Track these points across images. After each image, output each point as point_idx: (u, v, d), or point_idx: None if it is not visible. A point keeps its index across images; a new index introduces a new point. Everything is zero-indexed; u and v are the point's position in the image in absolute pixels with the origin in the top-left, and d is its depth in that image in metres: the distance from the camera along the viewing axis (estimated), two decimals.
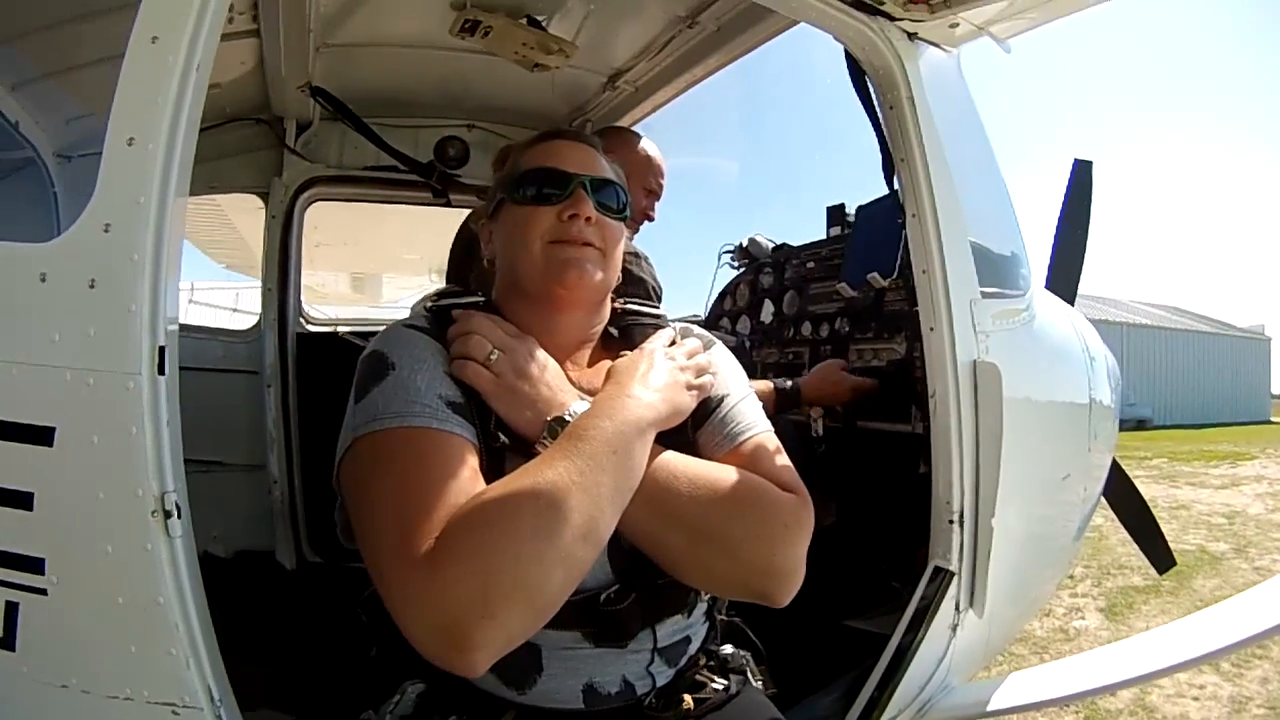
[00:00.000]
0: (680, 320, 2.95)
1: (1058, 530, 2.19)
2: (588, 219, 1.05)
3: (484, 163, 2.29)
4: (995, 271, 1.81)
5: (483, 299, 1.12)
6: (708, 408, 1.07)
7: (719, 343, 1.21)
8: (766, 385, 2.06)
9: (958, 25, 1.64)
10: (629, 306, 1.21)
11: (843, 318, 2.37)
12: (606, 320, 1.17)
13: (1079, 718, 3.35)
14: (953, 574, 1.64)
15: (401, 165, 2.43)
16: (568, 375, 1.04)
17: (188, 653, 0.93)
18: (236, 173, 2.52)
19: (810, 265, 2.64)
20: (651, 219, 2.06)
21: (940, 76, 1.72)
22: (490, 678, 0.97)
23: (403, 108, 2.52)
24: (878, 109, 1.66)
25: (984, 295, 1.68)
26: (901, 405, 1.99)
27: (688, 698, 1.05)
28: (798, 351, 2.55)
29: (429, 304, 1.11)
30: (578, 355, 1.11)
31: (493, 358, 0.97)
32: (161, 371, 0.89)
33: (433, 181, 2.43)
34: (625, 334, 1.15)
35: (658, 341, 1.10)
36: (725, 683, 1.10)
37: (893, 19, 1.56)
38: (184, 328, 2.86)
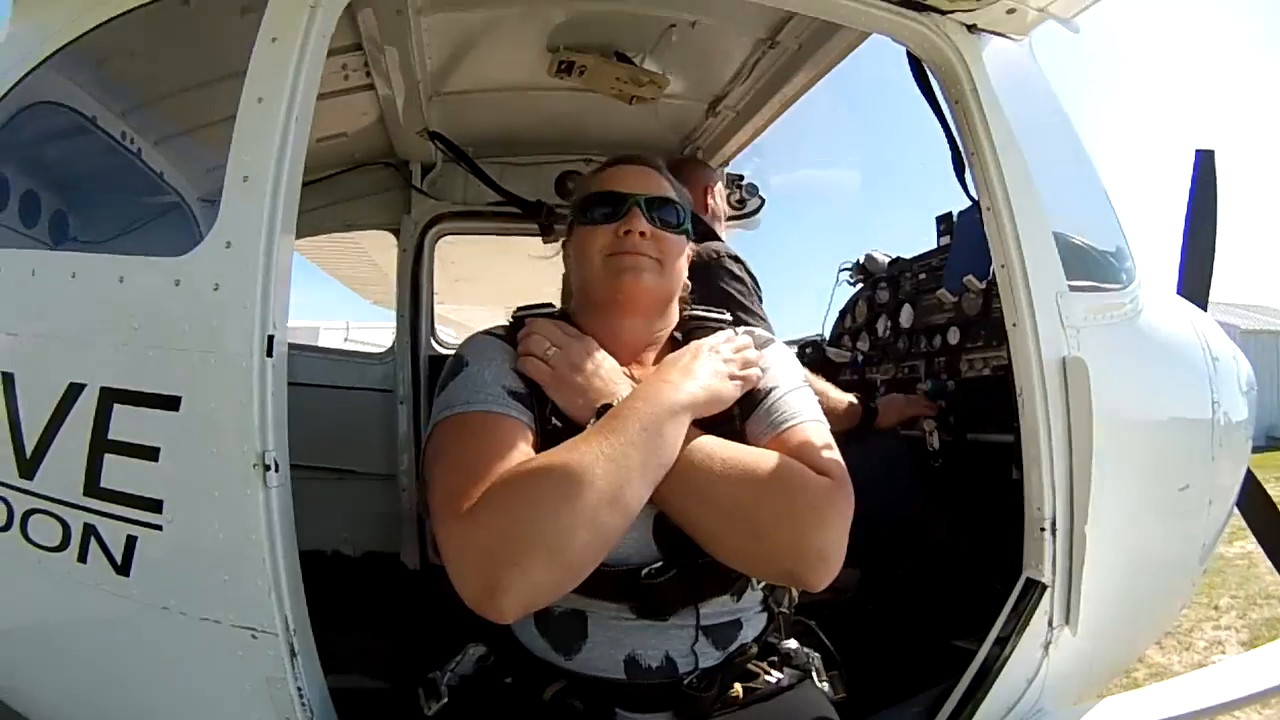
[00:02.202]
0: (803, 341, 2.97)
1: (1177, 546, 1.96)
2: (642, 234, 1.14)
3: None
4: (1087, 264, 1.69)
5: (556, 309, 1.25)
6: (755, 398, 1.11)
7: (778, 342, 1.26)
8: (852, 402, 2.05)
9: (1014, 10, 1.55)
10: (695, 313, 1.29)
11: (954, 327, 2.29)
12: (673, 326, 1.25)
13: None
14: (1045, 586, 1.51)
15: (510, 203, 2.60)
16: (632, 374, 1.12)
17: (270, 584, 1.08)
18: (370, 212, 2.82)
19: (922, 276, 2.58)
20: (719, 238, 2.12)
21: (1009, 66, 1.64)
22: (541, 643, 1.06)
23: (522, 146, 2.71)
24: (944, 106, 1.62)
25: (1073, 289, 1.55)
26: (1010, 413, 1.92)
27: (738, 686, 1.06)
28: (913, 365, 2.49)
29: (512, 314, 1.24)
30: (644, 356, 1.20)
31: (550, 353, 1.08)
32: (269, 354, 1.06)
33: (540, 218, 2.59)
34: (689, 337, 1.21)
35: (711, 339, 1.15)
36: (780, 676, 1.10)
37: (944, 13, 1.51)
38: (324, 350, 3.18)
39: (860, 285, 2.96)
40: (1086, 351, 1.52)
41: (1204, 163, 2.86)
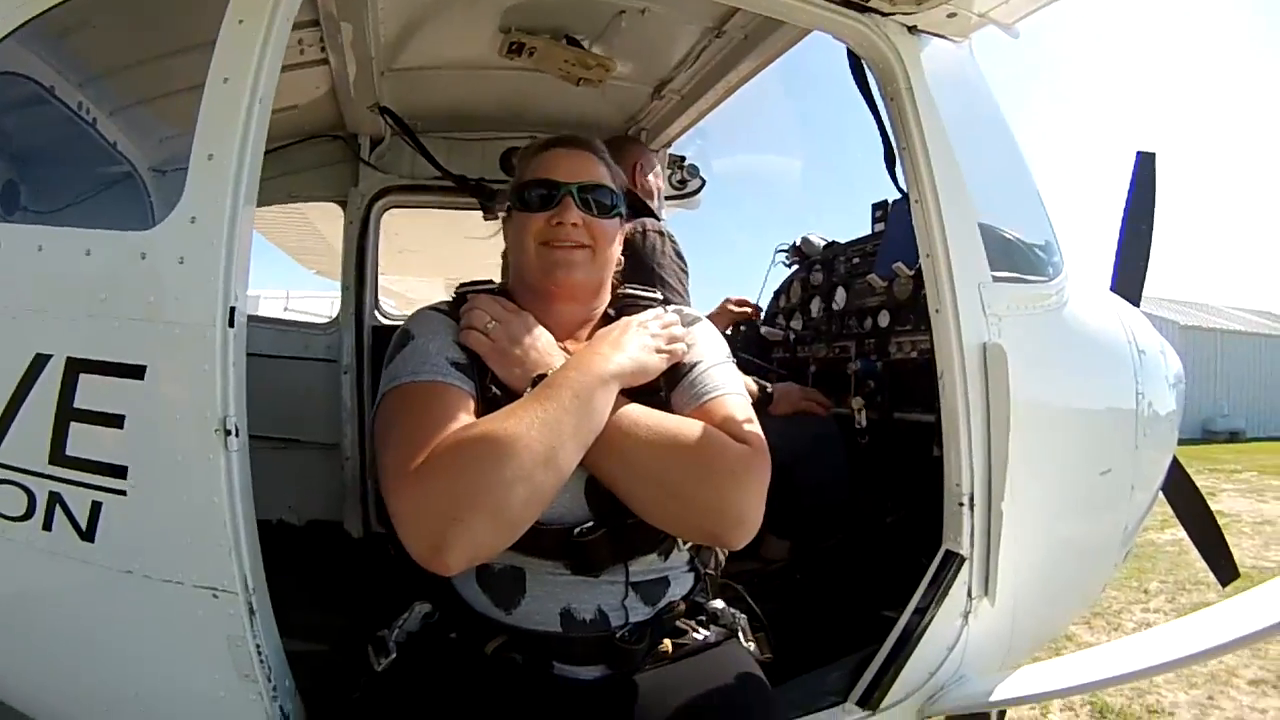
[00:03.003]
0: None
1: (1098, 527, 2.15)
2: (574, 224, 1.25)
3: None
4: (1014, 257, 1.85)
5: (496, 285, 1.35)
6: (680, 371, 1.23)
7: (705, 321, 1.37)
8: (752, 386, 2.18)
9: (955, 15, 1.70)
10: (627, 291, 1.39)
11: (884, 311, 2.46)
12: (606, 303, 1.36)
13: None
14: (964, 559, 1.67)
15: (453, 182, 2.70)
16: (566, 348, 1.23)
17: (230, 545, 1.18)
18: (317, 184, 2.88)
19: (856, 261, 2.75)
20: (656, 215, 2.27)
21: (947, 66, 1.79)
22: (483, 599, 1.17)
23: (469, 122, 2.80)
24: (879, 102, 1.77)
25: (997, 279, 1.71)
26: (934, 394, 2.07)
27: (668, 642, 1.18)
28: (844, 346, 2.65)
29: (455, 290, 1.34)
30: (579, 333, 1.31)
31: (490, 327, 1.19)
32: (231, 325, 1.15)
33: (481, 197, 2.70)
34: (621, 314, 1.32)
35: (640, 316, 1.27)
36: (707, 633, 1.22)
37: (885, 14, 1.64)
38: (269, 321, 3.24)
39: (796, 267, 3.14)
40: (1007, 339, 1.67)
41: (1144, 164, 3.07)
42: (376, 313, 2.97)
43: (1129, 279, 2.85)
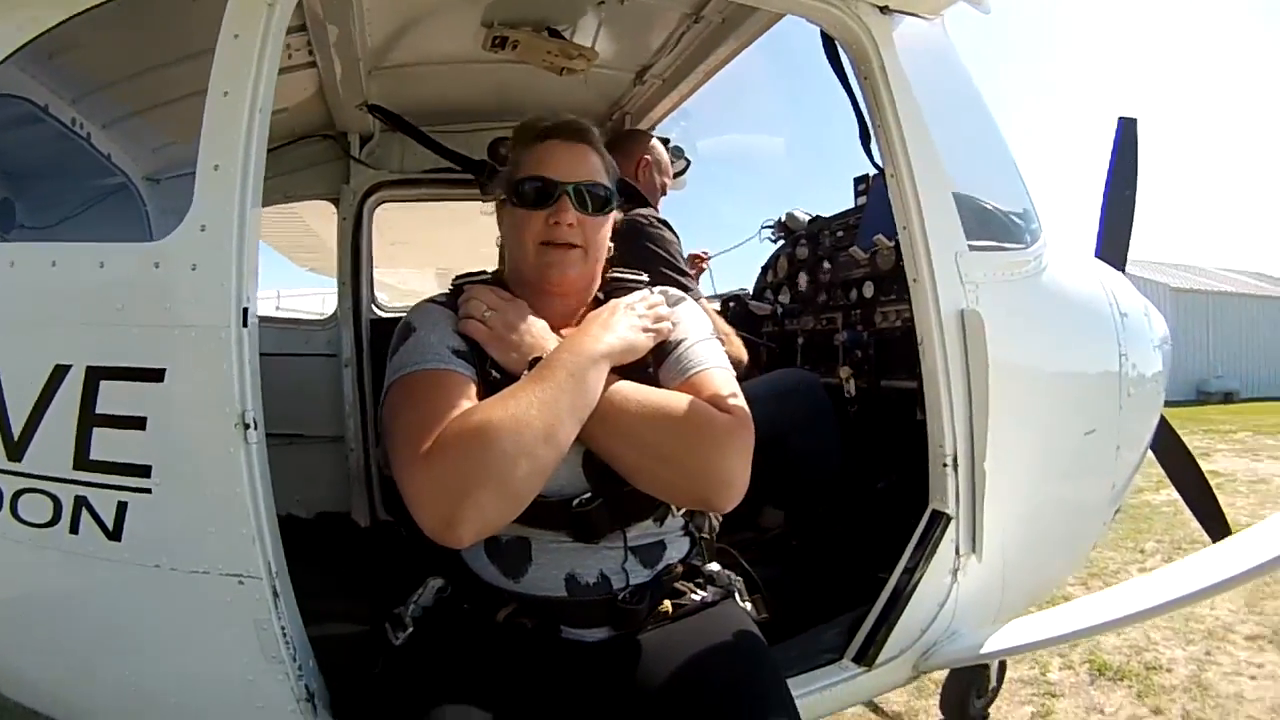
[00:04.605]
0: (727, 295, 3.24)
1: (1085, 486, 2.26)
2: (570, 225, 1.33)
3: None
4: (990, 226, 1.95)
5: (491, 275, 1.44)
6: (666, 349, 1.33)
7: (689, 300, 1.47)
8: (743, 354, 2.31)
9: None
10: (615, 274, 1.48)
11: (869, 282, 2.57)
12: (598, 287, 1.45)
13: (1132, 691, 3.43)
14: (950, 518, 1.78)
15: (455, 164, 2.78)
16: (559, 331, 1.32)
17: (254, 532, 1.28)
18: (310, 183, 2.99)
19: (840, 234, 2.88)
20: (654, 206, 2.37)
21: (920, 43, 1.87)
22: (492, 569, 1.27)
23: (454, 116, 2.88)
24: (853, 82, 1.86)
25: (973, 249, 1.81)
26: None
27: (667, 603, 1.29)
28: (831, 317, 2.78)
29: (452, 282, 1.43)
30: (572, 318, 1.39)
31: (487, 315, 1.28)
32: (245, 325, 1.25)
33: (484, 176, 2.79)
34: (610, 296, 1.41)
35: (628, 298, 1.36)
36: (704, 594, 1.32)
37: (860, 5, 1.74)
38: (268, 320, 3.35)
39: (781, 242, 3.27)
40: (985, 305, 1.77)
41: (1125, 130, 3.15)
42: (373, 306, 3.09)
43: (1113, 244, 2.95)
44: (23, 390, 1.28)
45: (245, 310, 1.25)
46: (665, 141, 3.17)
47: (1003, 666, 3.02)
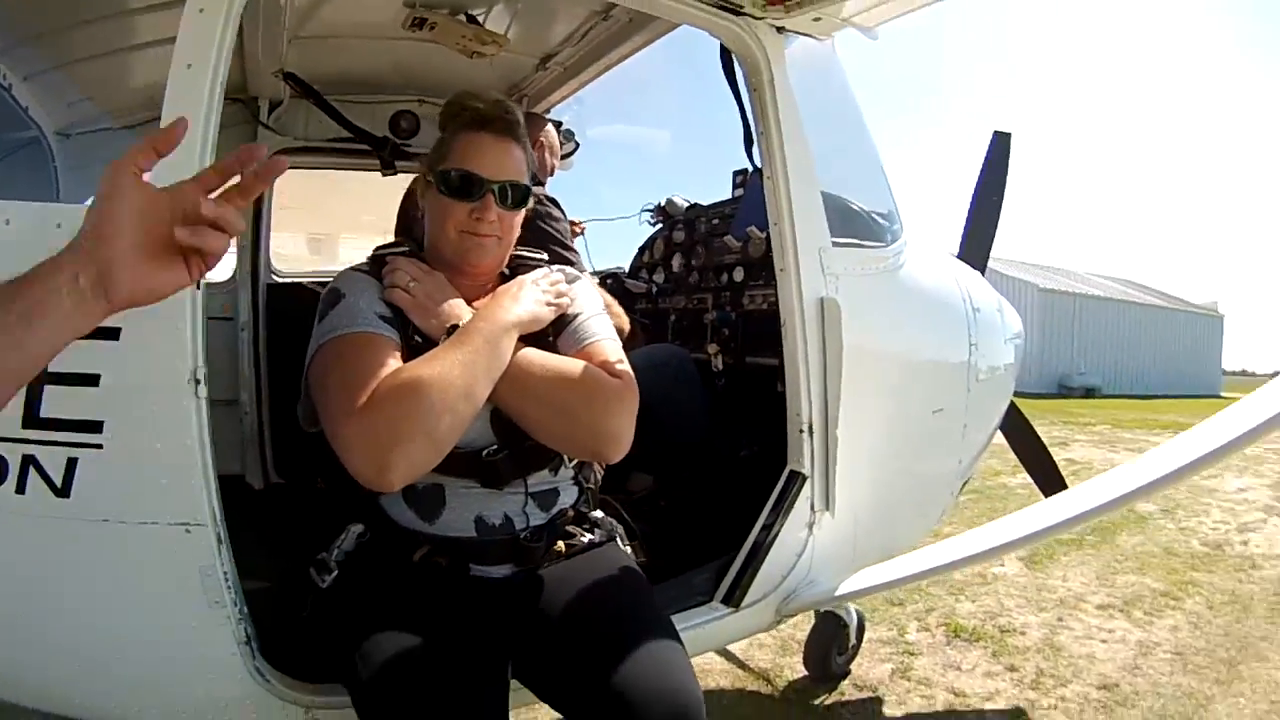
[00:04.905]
0: (605, 272, 3.68)
1: (933, 457, 2.87)
2: (491, 220, 1.61)
3: (432, 133, 2.97)
4: (853, 225, 2.46)
5: (408, 249, 1.70)
6: (565, 321, 1.68)
7: (584, 278, 1.83)
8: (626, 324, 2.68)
9: (820, 19, 2.21)
10: (517, 253, 1.81)
11: (739, 267, 3.08)
12: (504, 265, 1.79)
13: (987, 651, 4.09)
14: (805, 477, 2.27)
15: (359, 139, 3.04)
16: (474, 304, 1.63)
17: (202, 482, 1.51)
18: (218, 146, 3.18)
19: (716, 222, 3.39)
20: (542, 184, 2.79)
21: (808, 60, 2.34)
22: (409, 514, 1.57)
23: (362, 87, 3.14)
24: (743, 90, 2.28)
25: (836, 244, 2.30)
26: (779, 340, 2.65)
27: (561, 543, 1.64)
28: (702, 298, 3.29)
29: (373, 253, 1.74)
30: (483, 292, 1.71)
31: (411, 286, 1.59)
32: (198, 287, 1.48)
33: (384, 154, 3.06)
34: (515, 273, 1.76)
35: (531, 274, 1.71)
36: (592, 536, 1.69)
37: (755, 18, 2.15)
38: None
39: (660, 225, 3.79)
40: (843, 295, 2.27)
41: (999, 142, 3.82)
42: (271, 272, 3.32)
43: (976, 246, 3.59)
44: None
45: None
46: (558, 125, 3.56)
47: (861, 626, 3.66)
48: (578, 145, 3.67)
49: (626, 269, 3.91)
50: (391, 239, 2.08)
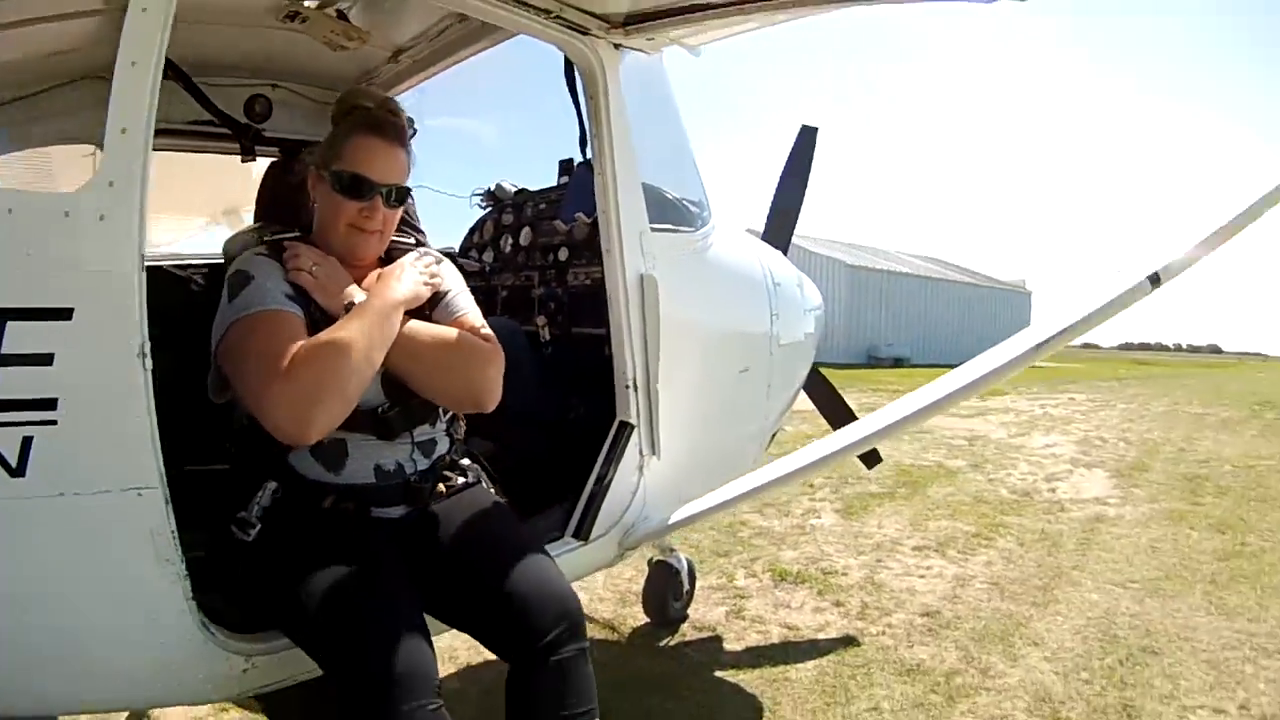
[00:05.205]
0: (438, 249, 4.36)
1: (742, 410, 3.74)
2: (378, 219, 2.06)
3: (284, 117, 3.46)
4: (670, 213, 3.24)
5: (299, 234, 2.16)
6: (438, 297, 2.17)
7: (448, 260, 2.34)
8: None
9: (653, 39, 2.90)
10: (394, 241, 2.25)
11: (564, 248, 3.81)
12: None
13: (813, 590, 5.02)
14: (633, 426, 2.99)
15: (223, 125, 3.32)
16: (362, 285, 2.05)
17: (149, 448, 1.78)
18: (82, 127, 3.30)
19: (543, 206, 4.09)
20: None
21: (640, 73, 3.04)
22: (316, 467, 1.98)
23: (223, 70, 3.37)
24: (580, 95, 2.95)
25: (654, 230, 3.04)
26: (604, 312, 3.32)
27: (441, 486, 2.14)
28: (530, 275, 3.99)
29: (266, 236, 2.16)
30: (366, 275, 2.11)
31: (314, 269, 2.00)
32: (143, 269, 1.75)
33: (246, 139, 3.41)
34: (389, 256, 2.23)
35: (408, 258, 2.18)
36: (465, 479, 2.22)
37: (598, 37, 2.80)
38: None
39: (489, 209, 4.47)
40: (660, 272, 3.01)
41: (804, 136, 4.74)
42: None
43: (779, 229, 4.53)
44: None
45: (142, 255, 1.75)
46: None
47: (692, 572, 4.51)
48: (415, 131, 4.18)
49: (457, 249, 4.50)
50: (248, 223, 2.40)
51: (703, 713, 3.49)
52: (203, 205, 4.89)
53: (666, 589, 4.33)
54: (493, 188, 4.42)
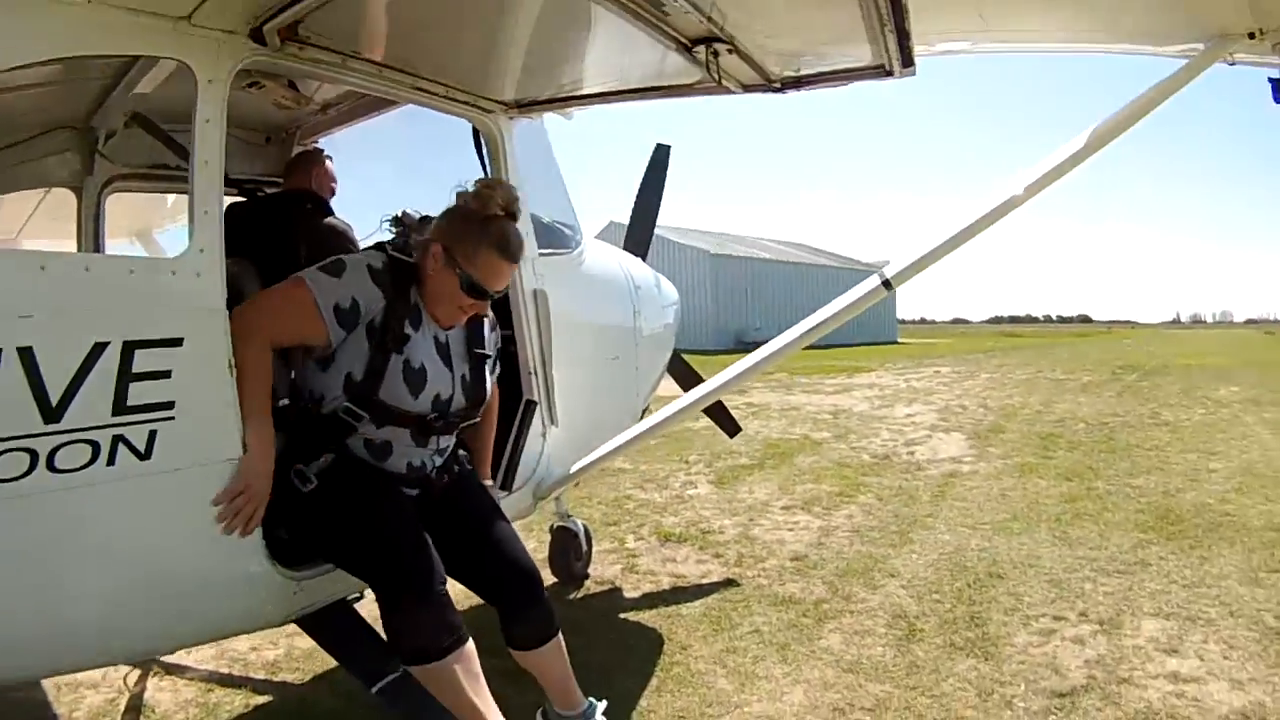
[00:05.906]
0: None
1: (616, 389, 5.39)
2: (476, 309, 3.07)
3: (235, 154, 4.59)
4: (553, 239, 4.81)
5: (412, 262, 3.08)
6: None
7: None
8: None
9: (536, 113, 4.44)
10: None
11: None
12: None
13: (694, 546, 6.52)
14: (536, 403, 4.51)
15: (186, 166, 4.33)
16: (444, 327, 3.12)
17: (235, 429, 2.67)
18: (54, 171, 4.43)
19: None
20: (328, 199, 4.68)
21: (528, 134, 4.53)
22: (366, 454, 2.95)
23: (178, 118, 4.05)
24: (485, 155, 4.45)
25: (542, 254, 4.57)
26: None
27: (447, 476, 3.21)
28: None
29: (390, 251, 3.13)
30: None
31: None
32: (228, 308, 2.68)
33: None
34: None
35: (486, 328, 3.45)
36: (459, 468, 3.33)
37: (502, 108, 4.35)
38: None
39: (399, 233, 5.82)
40: (549, 286, 4.55)
41: (659, 153, 6.35)
42: None
43: (638, 239, 6.21)
44: (62, 363, 2.25)
45: (224, 296, 2.64)
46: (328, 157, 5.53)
47: (588, 535, 6.07)
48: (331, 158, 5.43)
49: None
50: None
51: (614, 647, 4.66)
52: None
53: (568, 550, 5.87)
54: (400, 214, 5.78)
